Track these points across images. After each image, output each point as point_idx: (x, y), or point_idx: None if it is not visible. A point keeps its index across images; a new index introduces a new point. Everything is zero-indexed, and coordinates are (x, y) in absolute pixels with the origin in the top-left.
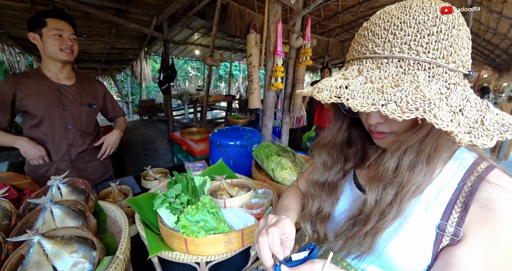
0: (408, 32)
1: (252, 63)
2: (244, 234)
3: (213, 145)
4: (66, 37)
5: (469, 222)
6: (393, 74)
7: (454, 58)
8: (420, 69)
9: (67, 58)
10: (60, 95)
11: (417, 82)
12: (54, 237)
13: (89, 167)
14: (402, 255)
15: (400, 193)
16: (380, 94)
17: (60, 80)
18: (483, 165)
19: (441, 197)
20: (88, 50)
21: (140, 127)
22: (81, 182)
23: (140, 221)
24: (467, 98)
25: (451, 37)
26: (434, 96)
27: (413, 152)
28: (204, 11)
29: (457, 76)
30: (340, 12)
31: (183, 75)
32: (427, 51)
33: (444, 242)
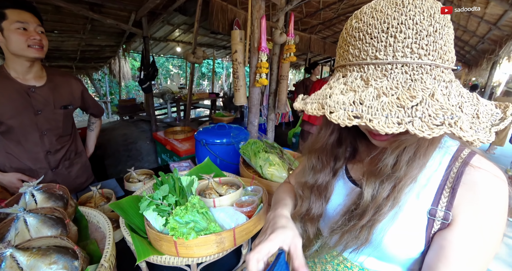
0: (408, 34)
1: (237, 59)
2: (236, 233)
3: (198, 143)
4: (32, 30)
5: (457, 205)
6: (402, 82)
7: (448, 56)
8: (423, 73)
9: (36, 55)
10: (29, 98)
11: (427, 89)
12: (30, 249)
13: (72, 172)
14: (398, 244)
15: (397, 186)
16: (402, 110)
17: (27, 81)
18: (465, 152)
19: (430, 184)
20: (61, 47)
21: (121, 128)
22: (58, 187)
23: (126, 226)
24: (461, 94)
25: (444, 35)
26: (448, 102)
27: (412, 149)
28: (185, 7)
29: (450, 73)
30: (321, 9)
31: (165, 73)
32: (427, 53)
33: (435, 227)
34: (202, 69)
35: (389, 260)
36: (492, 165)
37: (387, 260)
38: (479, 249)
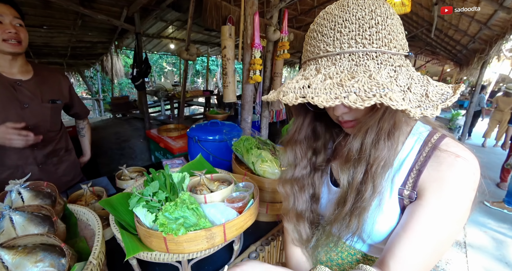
0: (352, 28)
1: (226, 55)
2: (226, 228)
3: (191, 140)
4: (7, 23)
5: (422, 183)
6: (347, 67)
7: (394, 43)
8: (369, 59)
9: (13, 50)
10: (15, 92)
11: (369, 71)
12: (15, 247)
13: (60, 169)
14: (388, 231)
15: (370, 170)
16: (341, 87)
17: (13, 75)
18: (436, 136)
19: (403, 168)
20: (51, 43)
21: (113, 126)
22: (46, 185)
23: (115, 223)
24: (411, 76)
25: (387, 26)
26: (385, 80)
27: (373, 131)
28: (178, 3)
29: (400, 59)
30: (316, 6)
31: (158, 70)
32: (371, 42)
33: (406, 204)
34: (196, 66)
35: (372, 236)
36: (460, 147)
37: (371, 236)
38: (441, 223)
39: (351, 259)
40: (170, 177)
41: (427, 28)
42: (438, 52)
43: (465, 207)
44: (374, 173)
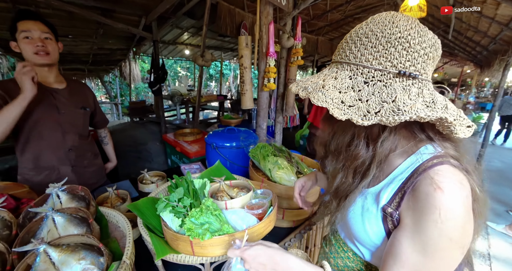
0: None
1: (243, 64)
2: (248, 234)
3: (209, 147)
4: (36, 37)
5: (405, 209)
6: (327, 72)
7: (380, 60)
8: (346, 70)
9: (43, 61)
10: (54, 99)
11: (332, 76)
12: (60, 246)
13: (88, 171)
14: (360, 227)
15: (346, 164)
16: (307, 82)
17: (51, 84)
18: (435, 161)
19: (393, 184)
20: (74, 51)
21: (131, 129)
22: (80, 188)
23: (143, 226)
24: (380, 92)
25: (414, 52)
26: (330, 84)
27: (341, 135)
28: (193, 11)
29: (383, 75)
30: (328, 10)
31: (173, 75)
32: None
33: (389, 222)
34: (209, 70)
35: (361, 241)
36: (449, 178)
37: (361, 241)
38: (420, 250)
39: (355, 267)
40: (192, 183)
41: (444, 30)
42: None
43: (441, 244)
44: (350, 166)
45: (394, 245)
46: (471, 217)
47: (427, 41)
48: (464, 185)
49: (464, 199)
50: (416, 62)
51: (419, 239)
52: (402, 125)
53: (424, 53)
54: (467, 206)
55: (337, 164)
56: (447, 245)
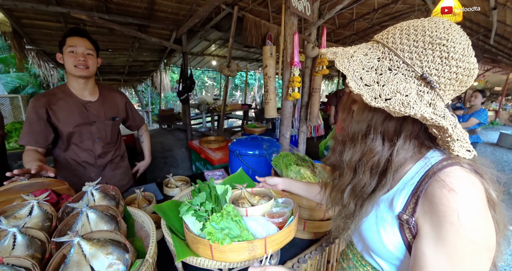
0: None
1: (267, 74)
2: (267, 242)
3: (232, 154)
4: (80, 53)
5: (421, 215)
6: (362, 46)
7: (412, 56)
8: (379, 51)
9: (81, 74)
10: (86, 112)
11: (364, 52)
12: (91, 239)
13: (117, 174)
14: (374, 236)
15: (363, 159)
16: (338, 48)
17: (84, 97)
18: (444, 163)
19: (405, 190)
20: (113, 63)
21: (159, 136)
22: (111, 188)
23: (166, 227)
24: (398, 83)
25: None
26: (358, 57)
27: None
28: (221, 24)
29: (408, 70)
30: (355, 19)
31: (200, 84)
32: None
33: (406, 230)
34: (235, 80)
35: (379, 253)
36: (460, 179)
37: (379, 254)
38: (445, 258)
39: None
40: (214, 189)
41: (484, 34)
42: (500, 59)
43: (465, 248)
44: (367, 162)
45: (417, 257)
46: (489, 217)
47: (466, 63)
48: (476, 185)
49: (479, 199)
50: (442, 75)
51: (442, 246)
52: (414, 135)
53: (455, 71)
54: (483, 205)
55: (354, 155)
56: (471, 249)
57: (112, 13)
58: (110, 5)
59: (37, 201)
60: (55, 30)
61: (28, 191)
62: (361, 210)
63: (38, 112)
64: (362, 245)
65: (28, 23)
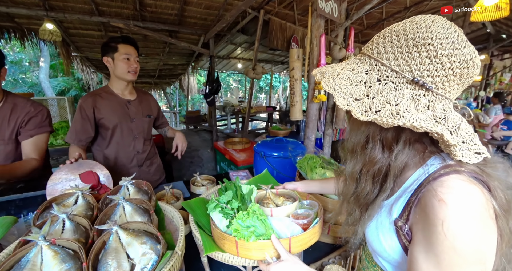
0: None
1: (294, 76)
2: (292, 242)
3: (257, 155)
4: (132, 60)
5: (414, 222)
6: (350, 61)
7: (398, 62)
8: (366, 64)
9: (132, 78)
10: (127, 109)
11: (351, 67)
12: (128, 229)
13: (152, 170)
14: (377, 242)
15: (363, 169)
16: (328, 68)
17: (125, 96)
18: (441, 172)
19: (403, 197)
20: (145, 67)
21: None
22: (144, 184)
23: (194, 223)
24: (388, 93)
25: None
26: (345, 74)
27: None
28: (246, 28)
29: (397, 77)
30: (384, 19)
31: (225, 87)
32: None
33: (402, 236)
34: (260, 83)
35: (382, 256)
36: (452, 189)
37: (382, 256)
38: (435, 267)
39: None
40: (240, 188)
41: None
42: None
43: (451, 259)
44: (369, 169)
45: (411, 262)
46: (488, 229)
47: (460, 56)
48: (472, 195)
49: (474, 212)
50: (436, 75)
51: (432, 254)
52: (416, 139)
53: (450, 67)
54: (479, 217)
55: (355, 166)
56: (459, 260)
57: (146, 20)
58: (144, 13)
59: (81, 192)
60: (96, 38)
61: (79, 170)
62: (365, 215)
63: (85, 112)
64: (370, 246)
65: (74, 32)
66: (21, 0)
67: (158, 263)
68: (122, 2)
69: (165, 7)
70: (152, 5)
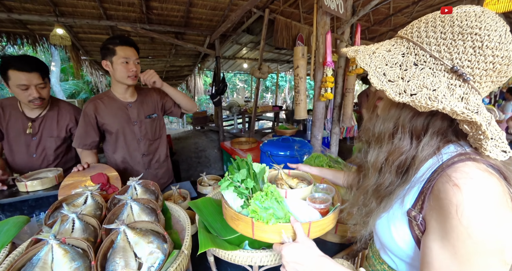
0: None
1: (299, 74)
2: (312, 227)
3: (264, 154)
4: (132, 63)
5: (428, 211)
6: (385, 43)
7: (440, 48)
8: (403, 46)
9: (133, 83)
10: (128, 112)
11: (387, 48)
12: (135, 228)
13: (159, 173)
14: (387, 235)
15: (389, 159)
16: (361, 46)
17: (126, 99)
18: (455, 159)
19: (415, 187)
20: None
21: (193, 137)
22: (152, 184)
23: (199, 221)
24: (425, 78)
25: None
26: (381, 53)
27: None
28: (252, 27)
29: (436, 63)
30: (392, 14)
31: (231, 87)
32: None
33: (415, 227)
34: (266, 82)
35: (392, 250)
36: (467, 174)
37: (391, 251)
38: (451, 256)
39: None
40: (251, 166)
41: None
42: None
43: (468, 247)
44: (392, 162)
45: (425, 253)
46: (504, 222)
47: (504, 51)
48: (489, 183)
49: (490, 199)
50: (477, 66)
51: (448, 242)
52: (444, 130)
53: (491, 61)
54: (495, 207)
55: (380, 155)
56: (473, 249)
57: (153, 23)
58: (151, 16)
59: (90, 192)
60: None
61: (92, 172)
62: (380, 206)
63: (88, 117)
64: (378, 242)
65: (83, 37)
66: (33, 7)
67: (165, 262)
68: (129, 6)
69: (171, 9)
70: (158, 7)
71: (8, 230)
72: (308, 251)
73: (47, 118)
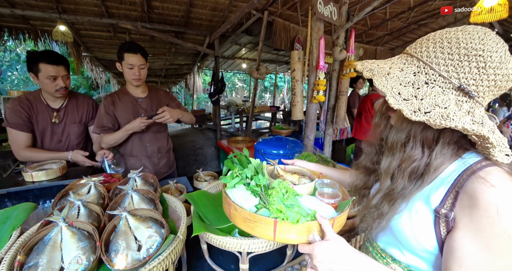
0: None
1: (295, 77)
2: (335, 223)
3: (257, 153)
4: (136, 69)
5: (460, 209)
6: (396, 61)
7: (448, 69)
8: (414, 65)
9: (136, 84)
10: (138, 105)
11: (399, 67)
12: (135, 215)
13: (161, 162)
14: (407, 231)
15: (402, 165)
16: (373, 65)
17: (137, 94)
18: (483, 163)
19: (442, 187)
20: (152, 67)
21: (190, 135)
22: (151, 176)
23: (194, 212)
24: (436, 96)
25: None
26: (395, 74)
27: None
28: (251, 28)
29: (444, 82)
30: (388, 19)
31: (230, 86)
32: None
33: (442, 224)
34: (264, 83)
35: (409, 249)
36: (501, 177)
37: (408, 250)
38: (483, 252)
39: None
40: (249, 160)
41: None
42: None
43: (503, 241)
44: (404, 169)
45: (455, 248)
46: None
47: (504, 69)
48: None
49: None
50: (480, 84)
51: (482, 238)
52: (456, 140)
53: (493, 79)
54: None
55: (392, 162)
56: (509, 243)
57: (153, 22)
58: (151, 15)
59: (93, 182)
60: (105, 38)
61: None
62: (393, 208)
63: (106, 108)
64: (387, 240)
65: (85, 33)
66: (36, 4)
67: (162, 245)
68: (131, 5)
69: (172, 9)
70: (159, 7)
71: (18, 215)
72: (343, 249)
73: (68, 107)
